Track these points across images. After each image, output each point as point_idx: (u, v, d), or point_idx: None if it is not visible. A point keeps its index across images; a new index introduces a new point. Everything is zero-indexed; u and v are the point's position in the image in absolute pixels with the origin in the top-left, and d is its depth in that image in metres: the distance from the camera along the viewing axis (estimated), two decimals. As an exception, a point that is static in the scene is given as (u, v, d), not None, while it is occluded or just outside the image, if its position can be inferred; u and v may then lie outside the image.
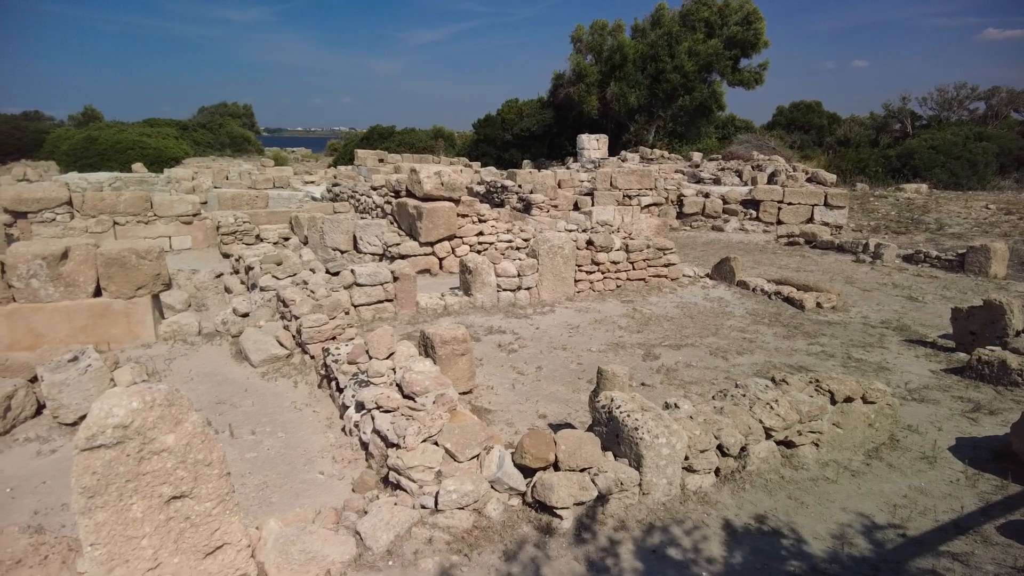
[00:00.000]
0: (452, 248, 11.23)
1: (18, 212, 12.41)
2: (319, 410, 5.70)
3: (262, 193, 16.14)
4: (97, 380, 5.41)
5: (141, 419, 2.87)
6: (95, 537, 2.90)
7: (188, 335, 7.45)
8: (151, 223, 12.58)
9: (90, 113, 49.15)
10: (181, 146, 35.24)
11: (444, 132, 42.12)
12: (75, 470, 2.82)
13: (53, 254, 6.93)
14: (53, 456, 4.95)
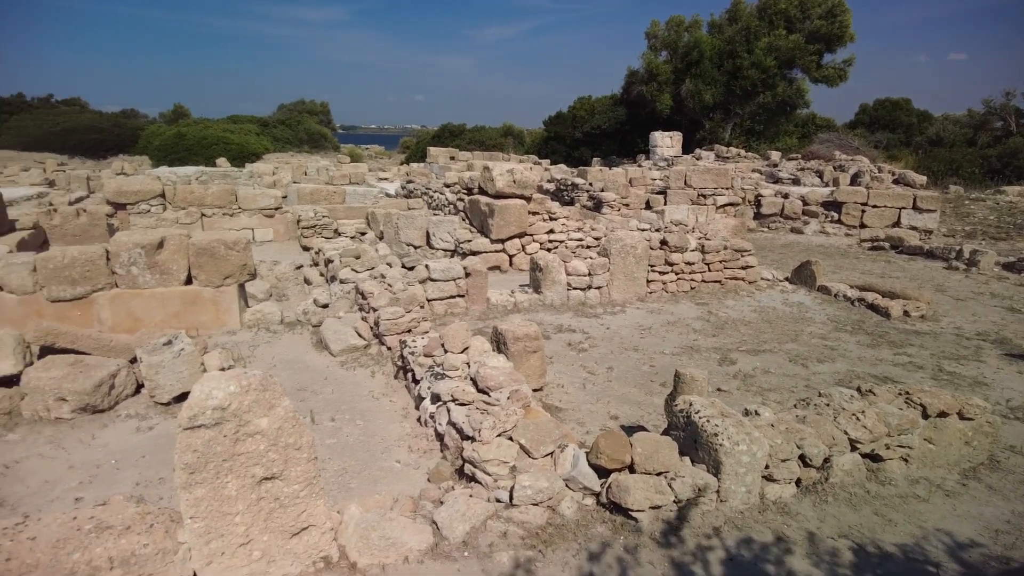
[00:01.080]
0: (522, 245, 11.28)
1: (118, 203, 13.27)
2: (395, 400, 5.84)
3: (339, 189, 16.64)
4: (189, 363, 5.72)
5: (238, 402, 3.01)
6: (194, 511, 3.07)
7: (271, 323, 7.78)
8: (236, 215, 13.19)
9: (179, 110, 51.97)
10: (262, 142, 36.79)
11: (513, 129, 42.29)
12: (178, 447, 3.00)
13: (151, 243, 7.37)
14: (150, 433, 5.27)
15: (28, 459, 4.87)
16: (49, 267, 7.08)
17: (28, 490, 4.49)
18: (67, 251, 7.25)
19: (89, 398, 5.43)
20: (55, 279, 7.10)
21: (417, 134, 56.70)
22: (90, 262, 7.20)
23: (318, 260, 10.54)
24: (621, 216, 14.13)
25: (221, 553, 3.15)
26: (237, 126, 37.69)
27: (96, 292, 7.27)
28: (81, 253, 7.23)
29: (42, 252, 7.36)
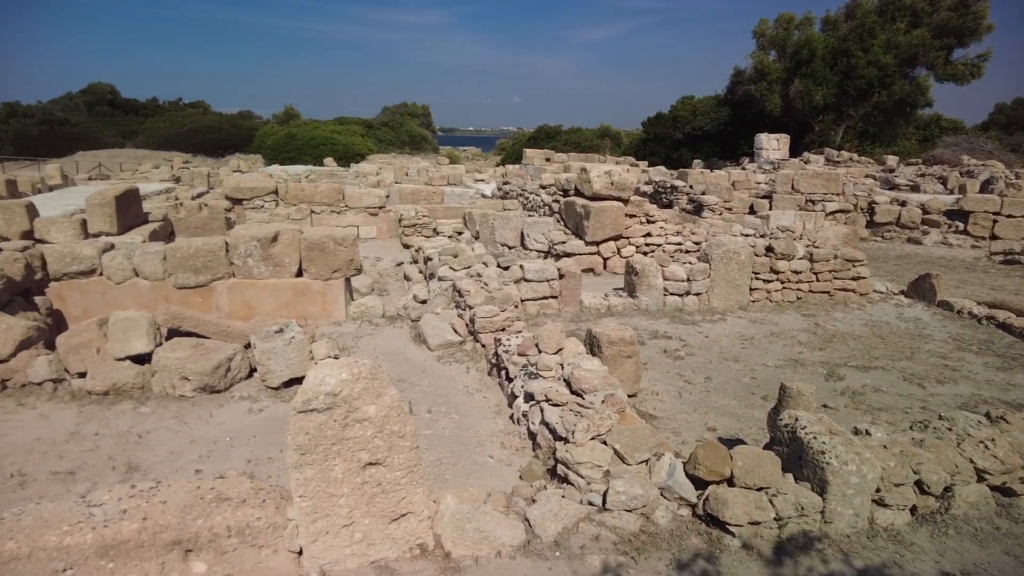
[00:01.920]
0: (618, 248, 11.15)
1: (236, 199, 14.25)
2: (488, 396, 5.93)
3: (438, 189, 17.09)
4: (298, 351, 6.05)
5: (348, 389, 3.15)
6: (303, 490, 3.24)
7: (373, 316, 8.10)
8: (342, 213, 13.84)
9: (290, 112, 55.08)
10: (366, 143, 38.42)
11: (611, 131, 41.89)
12: (292, 429, 3.18)
13: (266, 237, 7.86)
14: (261, 415, 5.62)
15: (157, 431, 5.32)
16: (177, 256, 7.70)
17: (157, 458, 4.91)
18: (192, 242, 7.87)
19: (208, 379, 5.86)
20: (181, 267, 7.71)
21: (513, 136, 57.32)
22: (212, 253, 7.77)
23: (417, 258, 10.87)
24: (723, 221, 13.67)
25: (326, 532, 3.32)
26: (344, 127, 39.56)
27: (216, 281, 7.84)
28: (204, 244, 7.82)
29: (170, 243, 8.03)
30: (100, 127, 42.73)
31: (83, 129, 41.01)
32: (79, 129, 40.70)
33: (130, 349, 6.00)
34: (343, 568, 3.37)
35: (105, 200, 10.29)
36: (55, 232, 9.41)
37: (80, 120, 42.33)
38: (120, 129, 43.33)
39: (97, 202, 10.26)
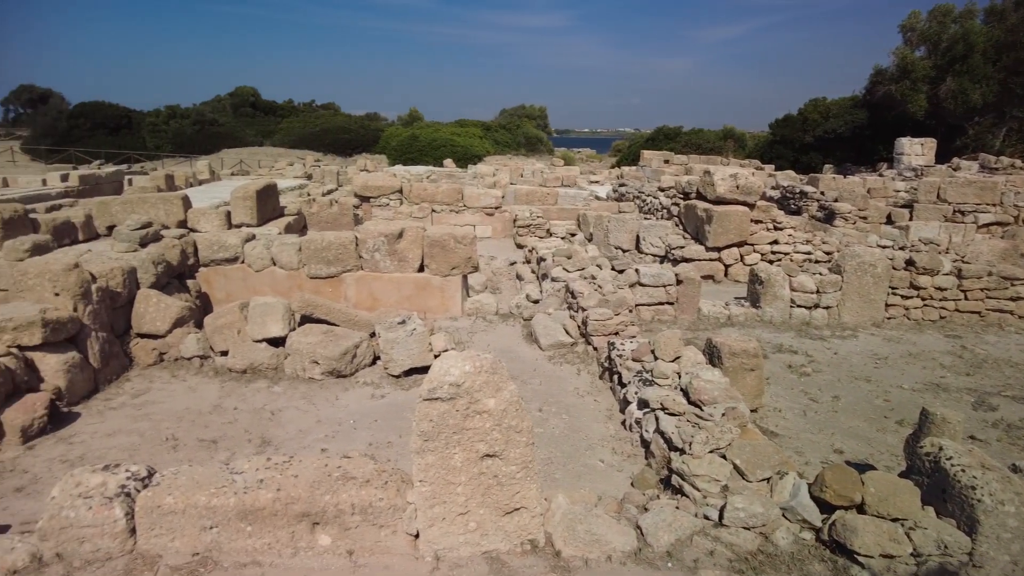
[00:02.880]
0: (741, 255, 10.69)
1: (363, 196, 15.03)
2: (600, 400, 5.88)
3: (552, 191, 17.17)
4: (419, 342, 6.29)
5: (471, 381, 3.24)
6: (424, 475, 3.36)
7: (487, 314, 8.28)
8: (460, 212, 14.25)
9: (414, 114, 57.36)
10: (484, 145, 39.29)
11: (734, 132, 40.25)
12: (417, 416, 3.30)
13: (392, 233, 8.23)
14: (383, 400, 5.90)
15: (287, 409, 5.73)
16: (311, 248, 8.24)
17: (287, 435, 5.28)
18: (325, 236, 8.38)
19: (336, 364, 6.23)
20: (314, 259, 8.24)
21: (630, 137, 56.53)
22: (342, 246, 8.25)
23: (530, 258, 10.97)
24: (857, 230, 12.76)
25: (442, 519, 3.42)
26: (463, 130, 40.68)
27: (345, 272, 8.31)
28: (336, 238, 8.31)
29: (303, 235, 8.60)
30: (243, 127, 46.56)
31: (228, 129, 44.88)
32: (225, 129, 44.58)
33: (267, 332, 6.49)
34: (456, 555, 3.47)
35: (247, 194, 11.17)
36: (204, 222, 10.34)
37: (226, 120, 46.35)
38: (260, 129, 46.98)
39: (240, 195, 11.16)
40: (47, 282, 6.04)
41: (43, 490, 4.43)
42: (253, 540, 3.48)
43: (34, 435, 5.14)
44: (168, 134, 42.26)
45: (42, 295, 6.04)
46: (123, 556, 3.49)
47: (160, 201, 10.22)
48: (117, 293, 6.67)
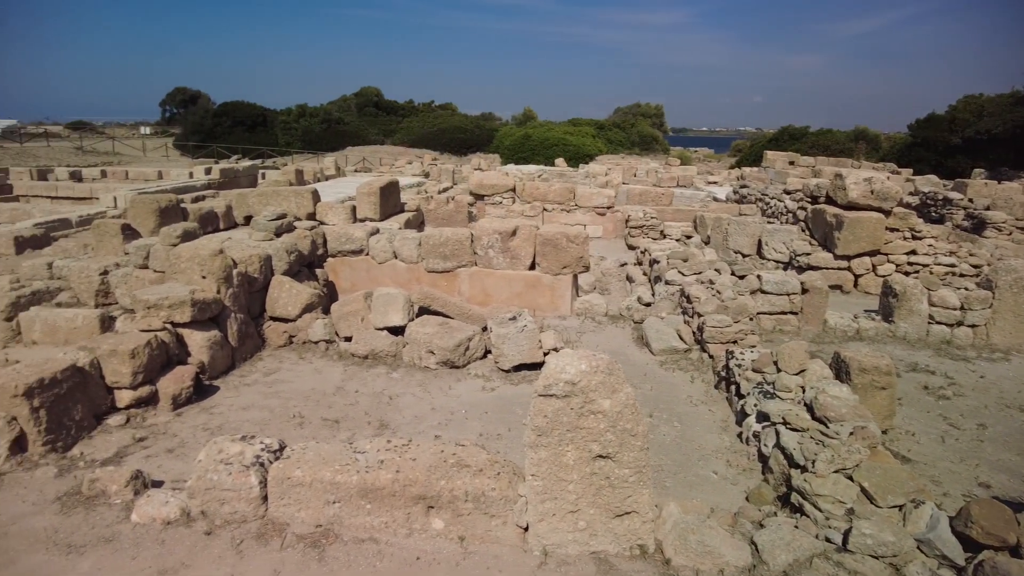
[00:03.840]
0: (873, 265, 9.95)
1: (477, 194, 15.37)
2: (714, 410, 5.69)
3: (667, 191, 16.78)
4: (529, 339, 6.35)
5: (586, 380, 3.23)
6: (536, 469, 3.40)
7: (596, 314, 8.22)
8: (572, 211, 14.24)
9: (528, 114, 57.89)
10: (596, 144, 39.02)
11: (867, 133, 37.49)
12: (531, 411, 3.34)
13: (506, 231, 8.36)
14: (493, 393, 6.01)
15: (404, 395, 5.97)
16: (430, 243, 8.53)
17: (403, 420, 5.51)
18: (443, 232, 8.65)
19: (450, 355, 6.42)
20: (432, 254, 8.53)
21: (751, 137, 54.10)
22: (459, 242, 8.48)
23: (642, 259, 10.78)
24: (1012, 242, 11.51)
25: (552, 514, 3.45)
26: (576, 129, 40.60)
27: (460, 268, 8.54)
28: (453, 234, 8.55)
29: (422, 231, 8.91)
30: (366, 126, 48.98)
31: (353, 127, 47.39)
32: (350, 127, 47.11)
33: (388, 321, 6.80)
34: (564, 552, 3.48)
35: (372, 190, 11.74)
36: (331, 215, 10.96)
37: (351, 119, 48.94)
38: (382, 128, 49.25)
39: (365, 191, 11.74)
40: (196, 266, 6.65)
41: (189, 453, 4.88)
42: (371, 518, 3.66)
43: (182, 403, 5.68)
44: (298, 132, 45.24)
45: (191, 277, 6.66)
46: (256, 520, 3.78)
47: (292, 195, 10.95)
48: (254, 278, 7.23)
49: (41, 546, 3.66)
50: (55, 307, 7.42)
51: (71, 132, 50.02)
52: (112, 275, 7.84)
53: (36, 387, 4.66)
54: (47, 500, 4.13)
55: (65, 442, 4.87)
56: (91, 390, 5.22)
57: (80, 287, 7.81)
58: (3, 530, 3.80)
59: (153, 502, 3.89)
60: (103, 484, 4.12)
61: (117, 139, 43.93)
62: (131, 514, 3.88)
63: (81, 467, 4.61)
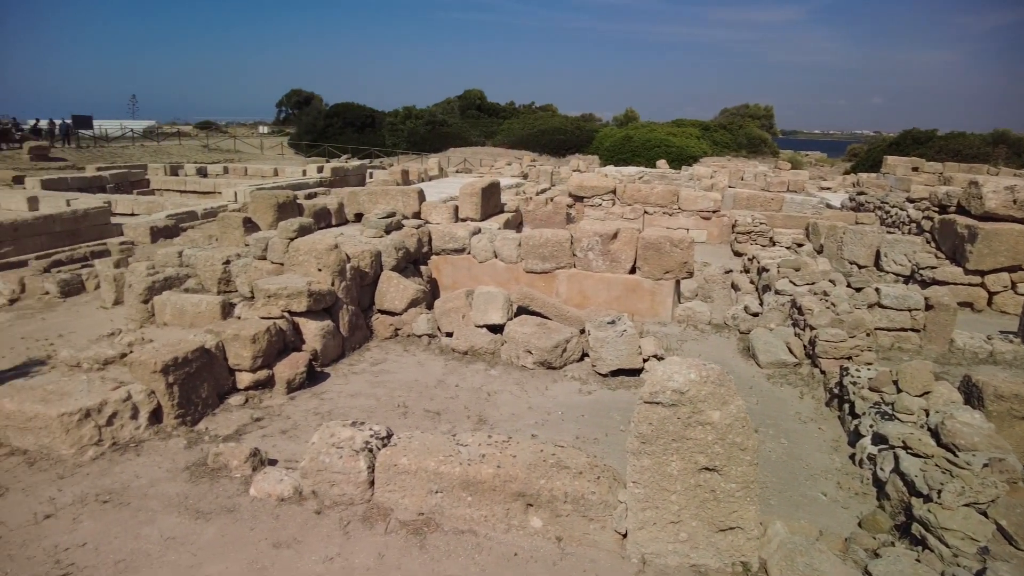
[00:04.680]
0: (1012, 282, 9.06)
1: (577, 196, 15.33)
2: (824, 428, 5.39)
3: (776, 196, 16.06)
4: (628, 344, 6.27)
5: (695, 390, 3.15)
6: (638, 477, 3.35)
7: (699, 322, 7.99)
8: (674, 215, 13.92)
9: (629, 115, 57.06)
10: (700, 145, 37.93)
11: (1008, 136, 34.21)
12: (635, 418, 3.30)
13: (607, 233, 8.29)
14: (590, 397, 5.98)
15: (502, 392, 6.05)
16: (529, 244, 8.61)
17: (501, 416, 5.58)
18: (543, 233, 8.70)
19: (547, 355, 6.45)
20: (532, 254, 8.60)
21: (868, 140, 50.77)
22: (558, 244, 8.50)
23: (749, 267, 10.37)
24: None
25: (653, 523, 3.39)
26: (680, 130, 39.66)
27: (559, 269, 8.55)
28: (553, 235, 8.58)
29: (520, 231, 8.99)
30: (468, 127, 50.02)
31: (455, 129, 48.55)
32: (453, 129, 48.29)
33: (488, 319, 6.92)
34: (663, 563, 3.41)
35: (474, 191, 11.97)
36: (435, 215, 11.28)
37: (454, 121, 50.13)
38: (483, 130, 50.12)
39: (468, 192, 12.00)
40: (313, 259, 7.05)
41: (301, 435, 5.18)
42: (472, 510, 3.74)
43: (295, 388, 6.03)
44: (404, 133, 46.86)
45: (308, 270, 7.06)
46: (362, 504, 3.96)
47: (399, 194, 11.36)
48: (365, 273, 7.56)
49: (174, 509, 4.00)
50: (183, 292, 8.07)
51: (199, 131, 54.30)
52: (233, 265, 8.43)
53: (171, 365, 5.09)
54: (178, 468, 4.50)
55: (193, 416, 5.29)
56: (216, 370, 5.65)
57: (205, 275, 8.46)
58: (143, 491, 4.18)
59: (269, 479, 4.15)
60: (225, 459, 4.45)
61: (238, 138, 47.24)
62: (249, 488, 4.17)
63: (206, 441, 4.99)
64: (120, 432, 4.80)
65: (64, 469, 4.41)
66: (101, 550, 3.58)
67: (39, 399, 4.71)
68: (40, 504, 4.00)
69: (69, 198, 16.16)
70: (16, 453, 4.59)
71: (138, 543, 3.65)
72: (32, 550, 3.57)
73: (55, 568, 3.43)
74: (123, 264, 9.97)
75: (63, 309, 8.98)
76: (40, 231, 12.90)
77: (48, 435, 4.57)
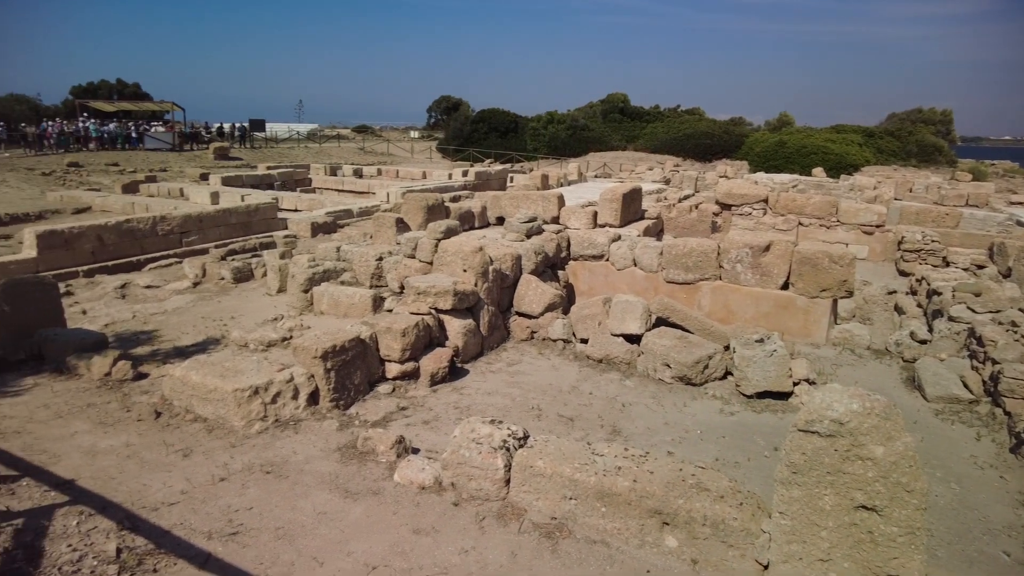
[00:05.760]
0: None
1: (724, 204, 14.71)
2: (1008, 478, 4.77)
3: (952, 211, 14.43)
4: (778, 365, 5.92)
5: (857, 422, 2.92)
6: (785, 508, 3.16)
7: (856, 346, 7.38)
8: (832, 228, 12.94)
9: (784, 119, 53.82)
10: (863, 153, 34.97)
11: None
12: (787, 446, 3.11)
13: (758, 245, 7.88)
14: (732, 418, 5.72)
15: (637, 405, 5.96)
16: (672, 253, 8.39)
17: (635, 429, 5.50)
18: (687, 242, 8.44)
19: (687, 371, 6.25)
20: (674, 264, 8.37)
21: (1072, 151, 44.15)
22: (703, 254, 8.21)
23: (917, 288, 9.42)
24: None
25: (799, 558, 3.18)
26: (839, 136, 36.84)
27: (702, 281, 8.26)
28: (698, 245, 8.30)
29: (660, 239, 8.78)
30: (610, 132, 49.65)
31: (597, 133, 48.38)
32: (594, 134, 48.17)
33: (625, 328, 6.84)
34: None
35: (614, 196, 11.85)
36: (573, 220, 11.30)
37: (596, 126, 49.97)
38: (625, 134, 49.52)
39: (608, 198, 11.89)
40: (459, 260, 7.34)
41: (441, 427, 5.42)
42: (605, 521, 3.72)
43: (437, 381, 6.32)
44: (545, 138, 47.45)
45: (454, 270, 7.37)
46: (498, 501, 4.06)
47: (540, 199, 11.52)
48: (506, 275, 7.76)
49: (326, 486, 4.34)
50: (339, 284, 8.73)
51: (356, 134, 58.46)
52: (385, 261, 8.99)
53: (330, 351, 5.52)
54: (331, 449, 4.87)
55: (346, 401, 5.71)
56: (368, 360, 6.05)
57: (359, 269, 9.08)
58: (300, 467, 4.57)
59: (412, 467, 4.38)
60: (373, 443, 4.75)
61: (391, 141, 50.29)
62: (393, 474, 4.42)
63: (356, 425, 5.36)
64: (282, 410, 5.28)
65: (235, 439, 4.93)
66: (264, 516, 3.96)
67: (218, 374, 5.30)
68: (216, 468, 4.50)
69: (243, 193, 18.08)
70: (198, 420, 5.20)
71: (294, 514, 3.99)
72: (210, 507, 4.03)
73: (228, 526, 3.84)
74: (287, 256, 10.99)
75: (235, 293, 10.06)
76: (219, 222, 14.54)
77: (224, 407, 5.13)
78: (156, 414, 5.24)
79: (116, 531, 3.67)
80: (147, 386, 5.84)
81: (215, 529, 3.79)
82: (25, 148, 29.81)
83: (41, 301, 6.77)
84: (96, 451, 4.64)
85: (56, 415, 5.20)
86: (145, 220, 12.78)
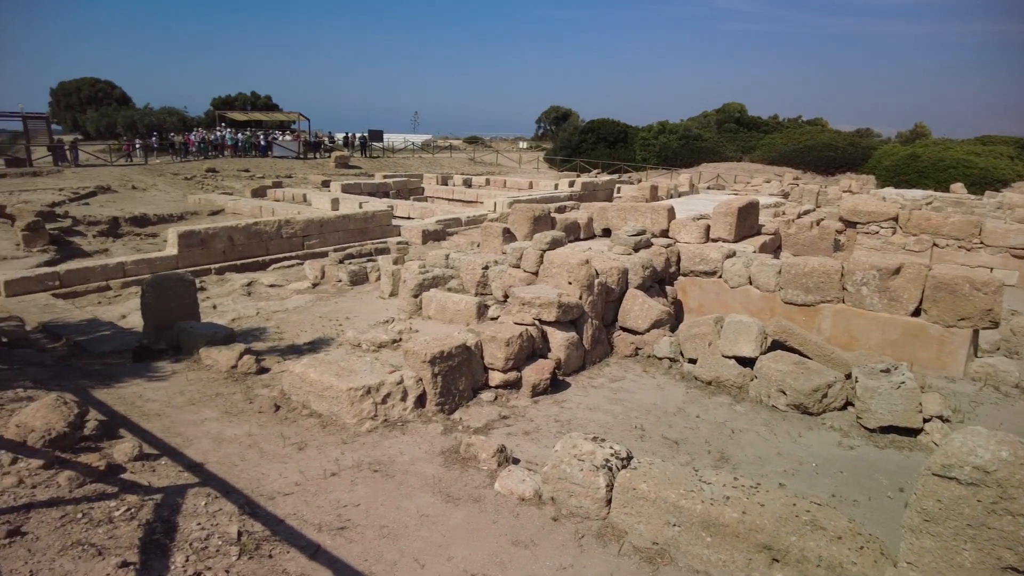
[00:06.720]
0: None
1: (849, 221, 13.80)
2: None
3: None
4: (906, 399, 5.46)
5: (1006, 471, 2.63)
6: (915, 558, 2.90)
7: (1002, 383, 6.66)
8: (974, 251, 11.80)
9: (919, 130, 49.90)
10: (1014, 167, 31.74)
11: None
12: (920, 490, 2.86)
13: (887, 268, 7.32)
14: (851, 452, 5.33)
15: (747, 432, 5.68)
16: (791, 272, 7.95)
17: (745, 457, 5.24)
18: (808, 261, 7.98)
19: (804, 399, 5.89)
20: (793, 284, 7.93)
21: None
22: (825, 275, 7.72)
23: (1078, 321, 8.38)
24: None
25: (930, 617, 2.90)
26: (986, 148, 33.65)
27: (824, 303, 7.77)
28: (820, 265, 7.82)
29: (778, 256, 8.33)
30: (725, 142, 48.01)
31: (711, 144, 46.92)
32: (708, 144, 46.75)
33: (737, 350, 6.55)
34: (941, 668, 2.90)
35: (729, 210, 11.42)
36: (684, 233, 11.00)
37: (710, 136, 48.48)
38: (741, 144, 47.71)
39: (722, 211, 11.48)
40: (564, 272, 7.33)
41: (541, 439, 5.41)
42: (710, 552, 3.56)
43: (539, 392, 6.33)
44: (655, 148, 46.60)
45: (559, 282, 7.37)
46: (597, 520, 4.00)
47: (648, 211, 11.30)
48: (611, 289, 7.66)
49: (428, 489, 4.44)
50: (446, 291, 8.96)
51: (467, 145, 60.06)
52: (491, 270, 9.14)
53: (438, 357, 5.67)
54: (435, 452, 4.99)
55: (451, 406, 5.84)
56: (473, 367, 6.16)
57: (466, 277, 9.28)
58: (405, 468, 4.72)
59: (512, 477, 4.40)
60: (475, 450, 4.82)
61: (500, 152, 51.22)
62: (494, 483, 4.45)
63: (459, 430, 5.46)
64: (391, 411, 5.47)
65: (347, 435, 5.15)
66: (370, 513, 4.11)
67: (334, 372, 5.57)
68: (328, 463, 4.72)
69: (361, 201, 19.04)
70: (314, 415, 5.49)
71: (398, 514, 4.11)
72: (321, 500, 4.23)
73: (336, 520, 4.02)
74: (400, 261, 11.45)
75: (350, 295, 10.59)
76: (338, 228, 15.39)
77: (337, 404, 5.39)
78: (275, 407, 5.59)
79: (237, 515, 3.94)
80: (268, 380, 6.24)
81: (325, 522, 3.98)
82: (172, 155, 33.12)
83: (181, 296, 7.44)
84: (222, 438, 5.01)
85: (189, 402, 5.67)
86: (271, 223, 13.77)
